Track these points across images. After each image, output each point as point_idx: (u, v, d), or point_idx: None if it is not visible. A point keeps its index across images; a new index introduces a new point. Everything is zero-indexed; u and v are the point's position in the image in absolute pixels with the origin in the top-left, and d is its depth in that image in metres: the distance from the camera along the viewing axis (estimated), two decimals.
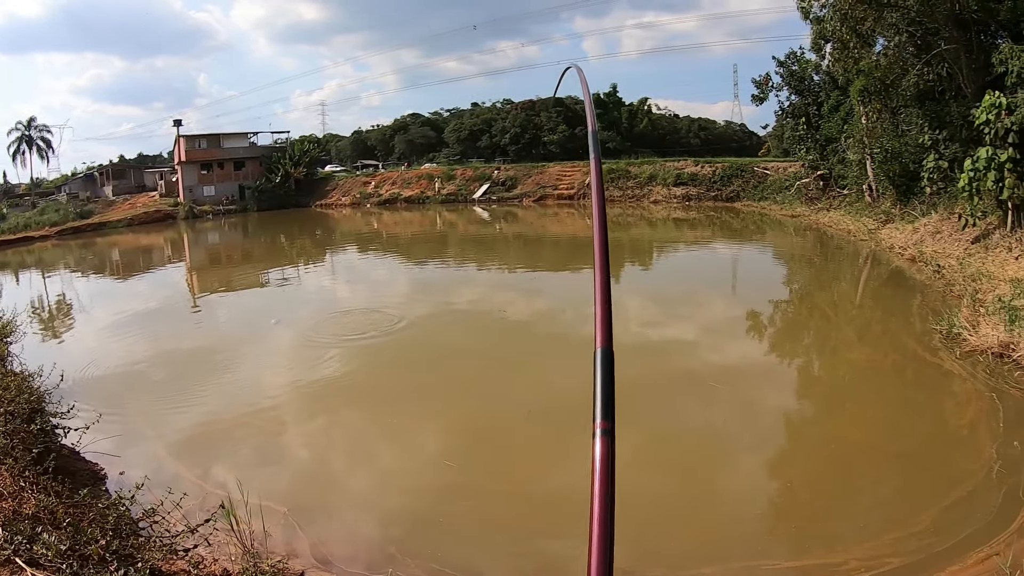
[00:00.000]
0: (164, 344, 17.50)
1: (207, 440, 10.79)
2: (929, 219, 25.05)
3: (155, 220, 60.92)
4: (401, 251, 37.94)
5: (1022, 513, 7.53)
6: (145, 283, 30.45)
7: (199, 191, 66.92)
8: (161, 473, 9.05)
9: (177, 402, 12.59)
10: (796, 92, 43.52)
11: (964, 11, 22.92)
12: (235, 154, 69.93)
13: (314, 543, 7.63)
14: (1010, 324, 12.94)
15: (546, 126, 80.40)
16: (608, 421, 1.58)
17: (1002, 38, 22.30)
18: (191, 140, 69.30)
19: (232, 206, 66.47)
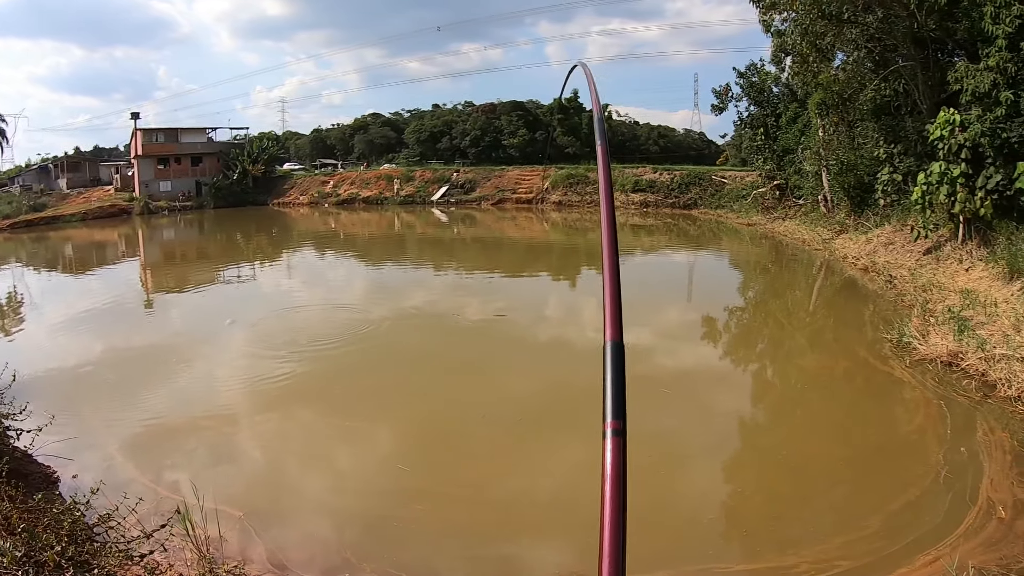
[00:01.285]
0: (117, 343, 17.03)
1: (161, 442, 10.47)
2: (882, 230, 25.51)
3: (110, 215, 59.34)
4: (359, 252, 37.56)
5: (969, 516, 7.64)
6: (99, 280, 29.54)
7: (155, 186, 65.48)
8: (115, 476, 8.84)
9: (131, 403, 12.23)
10: (755, 103, 44.10)
11: (922, 29, 23.34)
12: (193, 149, 68.57)
13: (270, 548, 7.47)
14: (959, 334, 13.18)
15: (506, 130, 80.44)
16: (619, 420, 1.52)
17: (959, 57, 22.72)
18: (148, 134, 67.64)
19: (188, 202, 65.06)
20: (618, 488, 1.42)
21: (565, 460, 9.88)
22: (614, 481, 1.43)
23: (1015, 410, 10.38)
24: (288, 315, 19.87)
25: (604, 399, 1.53)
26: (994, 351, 11.99)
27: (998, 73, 18.63)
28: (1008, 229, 17.56)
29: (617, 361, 1.60)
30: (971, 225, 19.12)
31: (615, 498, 1.41)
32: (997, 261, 16.49)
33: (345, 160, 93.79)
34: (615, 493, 1.41)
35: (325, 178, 71.95)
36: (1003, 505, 7.77)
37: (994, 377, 11.41)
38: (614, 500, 1.41)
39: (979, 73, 19.20)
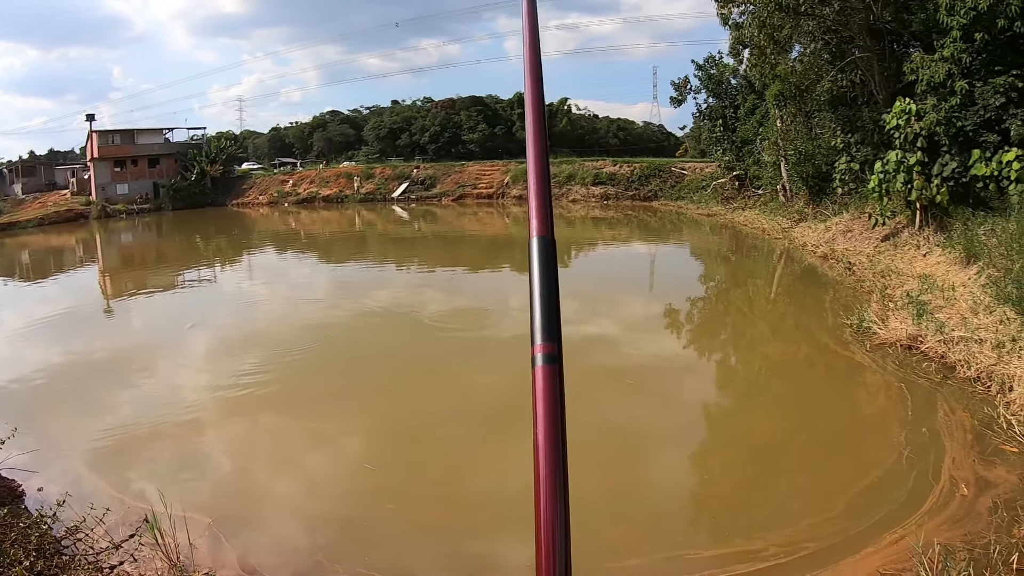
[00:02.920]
0: (78, 351, 16.60)
1: (127, 451, 10.23)
2: (841, 218, 25.89)
3: (67, 220, 57.50)
4: (320, 251, 37.07)
5: (932, 495, 7.75)
6: (57, 286, 28.72)
7: (112, 189, 63.36)
8: (81, 488, 8.61)
9: (94, 413, 11.95)
10: (714, 95, 44.41)
11: (878, 21, 23.66)
12: (150, 151, 66.51)
13: (240, 553, 7.36)
14: (917, 318, 13.41)
15: (466, 125, 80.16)
16: (552, 343, 1.21)
17: (914, 48, 23.08)
18: (104, 136, 65.35)
19: (146, 205, 63.22)
20: (553, 428, 1.14)
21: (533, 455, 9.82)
22: (548, 419, 1.15)
23: (974, 390, 10.56)
24: (251, 317, 19.66)
25: (532, 315, 1.23)
26: (952, 334, 12.20)
27: (953, 63, 18.96)
28: (964, 215, 17.90)
29: (546, 262, 1.32)
30: (927, 212, 19.46)
31: (550, 441, 1.13)
32: (954, 246, 16.79)
33: (304, 159, 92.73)
34: (550, 434, 1.14)
35: (284, 177, 70.73)
36: (965, 483, 7.90)
37: (953, 359, 11.60)
38: (549, 444, 1.13)
39: (934, 63, 19.52)
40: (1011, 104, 17.81)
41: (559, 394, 1.16)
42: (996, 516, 7.10)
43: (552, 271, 1.29)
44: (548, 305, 1.24)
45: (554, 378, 1.17)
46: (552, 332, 1.20)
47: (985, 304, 12.95)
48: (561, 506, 1.11)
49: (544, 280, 1.27)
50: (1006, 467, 8.18)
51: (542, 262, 1.31)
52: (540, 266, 1.30)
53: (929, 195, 18.89)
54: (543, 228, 1.36)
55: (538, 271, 1.29)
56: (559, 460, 1.13)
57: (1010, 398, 9.71)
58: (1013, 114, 17.66)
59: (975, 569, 6.13)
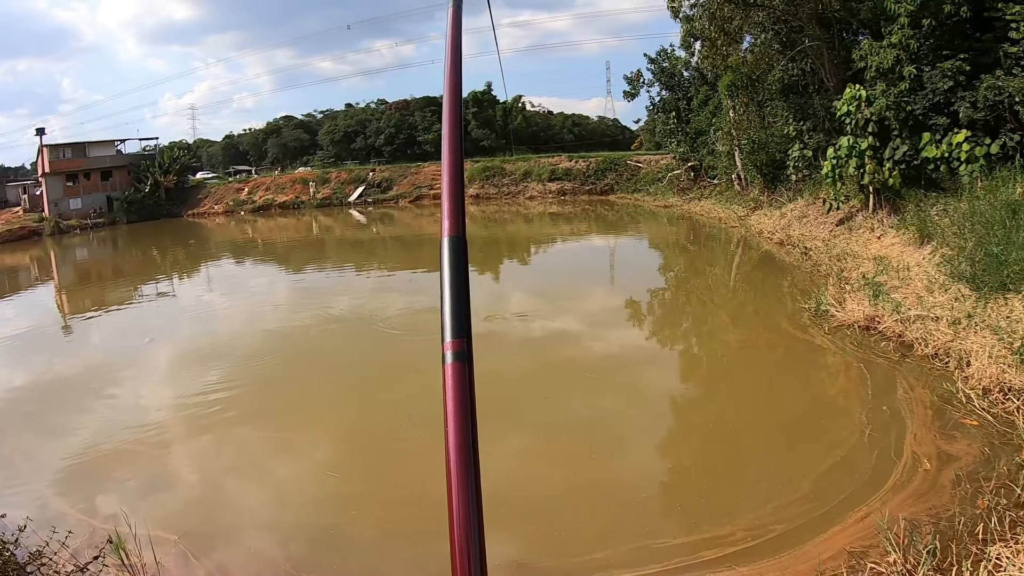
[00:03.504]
0: (36, 372, 16.01)
1: (90, 472, 9.88)
2: (795, 204, 26.19)
3: (19, 238, 55.42)
4: (278, 259, 36.49)
5: (896, 471, 7.76)
6: (12, 307, 27.64)
7: (65, 204, 61.63)
8: (45, 512, 8.33)
9: (55, 434, 11.54)
10: (667, 88, 44.83)
11: (827, 10, 23.96)
12: (102, 163, 64.91)
13: (208, 569, 7.16)
14: (874, 299, 13.53)
15: (421, 126, 80.00)
16: (461, 339, 1.21)
17: (863, 35, 23.40)
18: (55, 150, 63.52)
19: (100, 219, 61.66)
20: (464, 429, 1.13)
21: (500, 452, 9.72)
22: (458, 421, 1.14)
23: (933, 367, 10.64)
24: (211, 329, 19.28)
25: (442, 313, 1.24)
26: (909, 313, 12.31)
27: (901, 49, 19.22)
28: (916, 197, 18.18)
29: (457, 261, 1.31)
30: (880, 195, 19.73)
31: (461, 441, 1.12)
32: (907, 227, 17.02)
33: (259, 166, 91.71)
34: (460, 435, 1.13)
35: (239, 185, 69.91)
36: (927, 457, 7.92)
37: (910, 337, 11.69)
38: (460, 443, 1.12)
39: (883, 50, 19.78)
40: (959, 87, 18.07)
41: (469, 391, 1.17)
42: (959, 488, 7.12)
43: (463, 270, 1.30)
44: (458, 303, 1.25)
45: (464, 375, 1.18)
46: (462, 329, 1.22)
47: (940, 282, 13.11)
48: (473, 504, 1.10)
49: (454, 279, 1.28)
50: (967, 440, 8.22)
51: (453, 261, 1.31)
52: (451, 265, 1.30)
53: (881, 178, 19.14)
54: (455, 228, 1.36)
55: (448, 270, 1.29)
56: (470, 457, 1.12)
57: (968, 373, 9.77)
58: (961, 97, 17.93)
59: (941, 541, 6.12)
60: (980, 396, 9.15)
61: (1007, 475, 7.20)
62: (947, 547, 6.08)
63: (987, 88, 17.27)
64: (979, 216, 14.04)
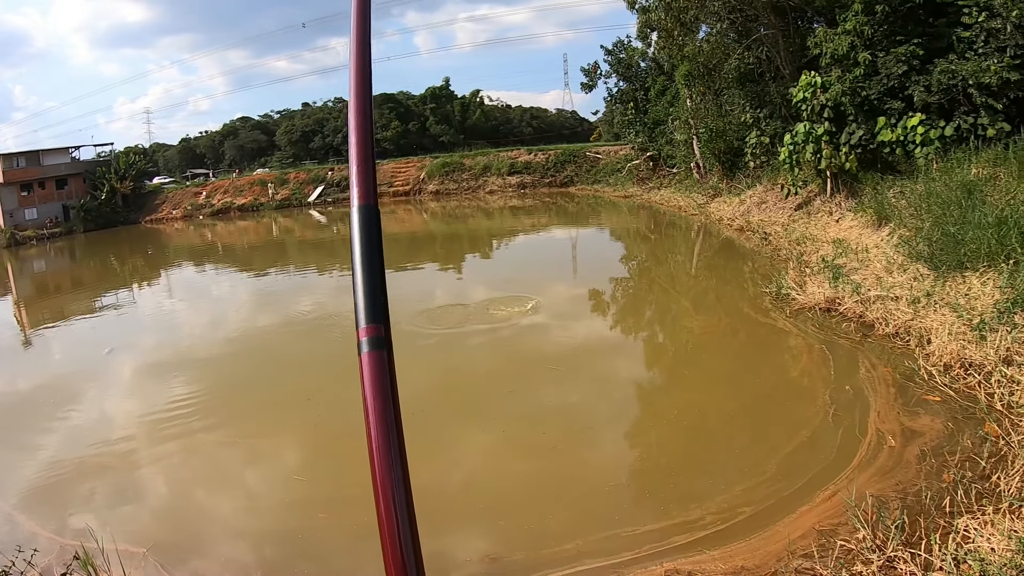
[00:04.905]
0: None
1: (55, 488, 9.55)
2: (754, 191, 26.42)
3: None
4: (239, 263, 35.88)
5: (861, 449, 7.79)
6: None
7: (20, 215, 59.47)
8: (12, 532, 8.10)
9: (18, 451, 11.16)
10: (624, 79, 45.02)
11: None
12: (57, 171, 62.90)
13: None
14: (834, 281, 13.63)
15: (379, 123, 79.24)
16: (378, 324, 1.09)
17: (817, 23, 23.65)
18: (8, 159, 61.27)
19: (57, 229, 59.69)
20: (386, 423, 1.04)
21: (467, 447, 9.61)
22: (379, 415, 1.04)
23: (894, 346, 10.73)
24: (173, 337, 18.79)
25: (355, 295, 1.11)
26: (869, 293, 12.42)
27: (855, 36, 19.42)
28: (873, 180, 18.40)
29: (369, 233, 1.16)
30: (838, 179, 19.95)
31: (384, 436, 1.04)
32: (865, 210, 17.22)
33: (217, 168, 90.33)
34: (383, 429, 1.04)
35: (197, 189, 68.73)
36: (892, 434, 7.95)
37: (871, 318, 11.79)
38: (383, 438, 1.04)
39: (837, 37, 19.97)
40: (913, 72, 18.29)
41: (391, 382, 1.07)
42: (925, 464, 7.15)
43: (376, 244, 1.15)
44: (371, 283, 1.11)
45: (383, 365, 1.07)
46: (377, 313, 1.09)
47: (898, 263, 13.25)
48: (401, 499, 1.03)
49: (367, 255, 1.14)
50: (930, 416, 8.27)
51: (364, 234, 1.15)
52: (362, 239, 1.15)
53: (838, 163, 19.34)
54: (365, 195, 1.20)
55: (359, 245, 1.14)
56: (394, 455, 1.04)
57: (929, 350, 9.85)
58: (915, 81, 18.14)
59: (909, 516, 6.13)
60: (941, 372, 9.22)
61: (971, 448, 7.25)
62: (915, 521, 6.10)
63: (941, 72, 17.49)
64: (935, 197, 14.21)
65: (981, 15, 17.07)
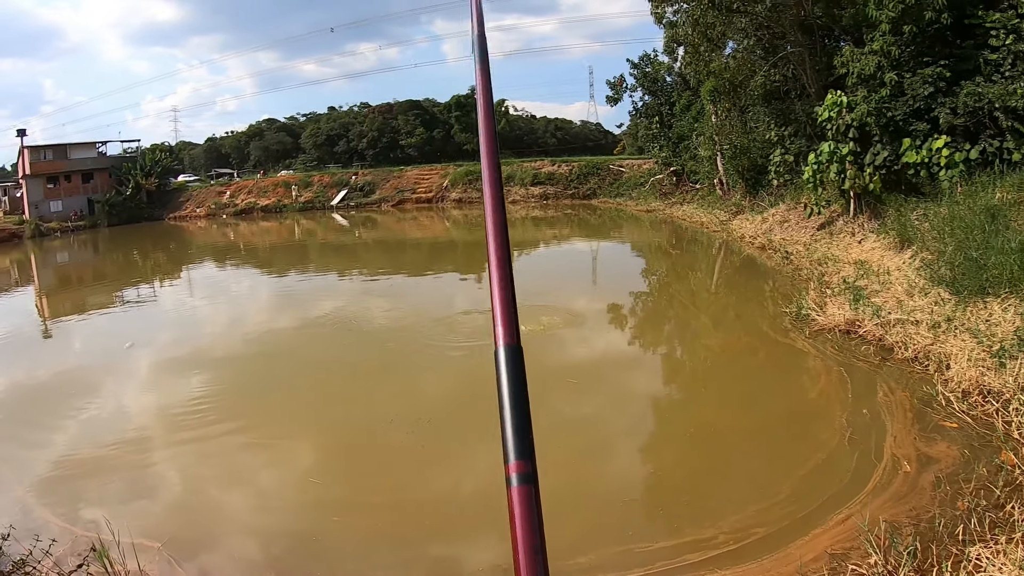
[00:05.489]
0: (16, 377, 15.74)
1: (71, 480, 9.73)
2: (777, 209, 26.32)
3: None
4: (261, 263, 36.20)
5: (876, 474, 7.78)
6: None
7: (46, 207, 60.90)
8: (27, 520, 8.19)
9: (36, 441, 11.38)
10: (649, 92, 45.01)
11: (809, 17, 24.14)
12: (83, 165, 64.18)
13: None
14: (854, 303, 13.58)
15: (403, 129, 79.96)
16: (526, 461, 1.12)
17: (844, 42, 23.64)
18: (36, 151, 62.75)
19: (81, 222, 60.97)
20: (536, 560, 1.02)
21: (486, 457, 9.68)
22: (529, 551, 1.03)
23: (913, 370, 10.70)
24: (192, 334, 19.03)
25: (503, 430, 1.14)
26: (889, 317, 12.37)
27: (882, 56, 19.37)
28: (897, 201, 18.31)
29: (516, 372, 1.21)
30: (861, 200, 19.86)
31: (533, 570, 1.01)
32: (888, 232, 17.15)
33: (241, 169, 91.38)
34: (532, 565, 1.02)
35: (221, 188, 69.40)
36: (907, 460, 7.94)
37: (891, 341, 11.75)
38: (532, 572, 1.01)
39: (864, 56, 19.93)
40: (939, 93, 18.24)
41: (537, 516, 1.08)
42: (939, 490, 7.14)
43: (522, 382, 1.20)
44: (520, 421, 1.15)
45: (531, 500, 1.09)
46: (526, 450, 1.12)
47: (920, 286, 13.18)
48: None
49: (514, 394, 1.18)
50: (947, 442, 8.25)
51: (511, 373, 1.20)
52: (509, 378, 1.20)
53: (862, 183, 19.28)
54: (510, 336, 1.24)
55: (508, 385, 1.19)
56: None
57: (947, 376, 9.82)
58: (941, 103, 18.09)
59: (921, 543, 6.14)
60: (960, 399, 9.19)
61: (986, 476, 7.22)
62: (927, 548, 6.10)
63: (967, 94, 17.43)
64: (959, 221, 14.14)
65: (1009, 38, 17.04)
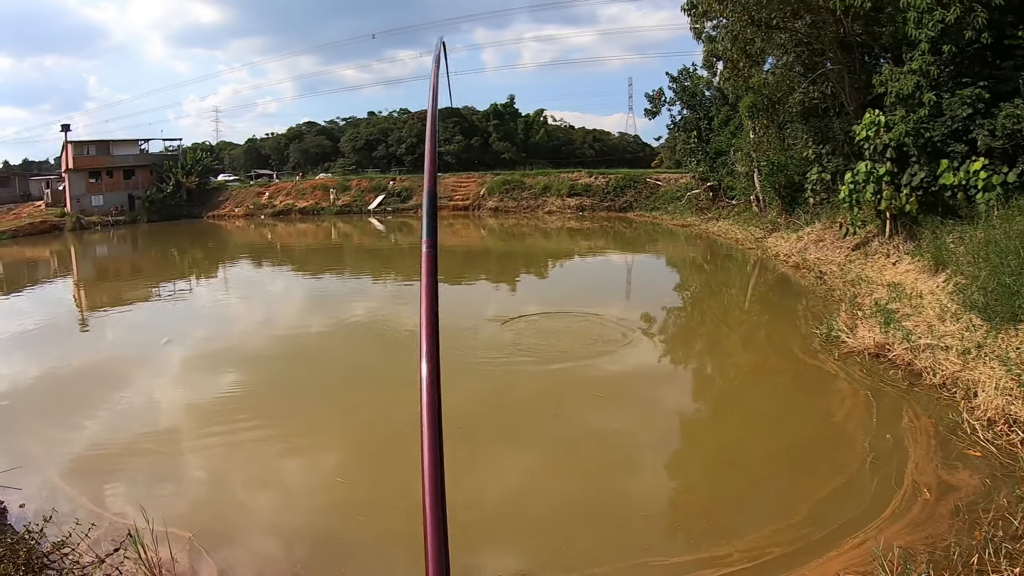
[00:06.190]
0: (54, 367, 16.18)
1: (106, 468, 10.04)
2: (812, 228, 26.20)
3: (41, 232, 56.18)
4: (296, 264, 36.80)
5: (895, 500, 7.78)
6: (31, 300, 27.92)
7: (87, 201, 62.38)
8: (62, 504, 8.49)
9: (72, 429, 11.74)
10: (688, 107, 44.93)
11: (849, 34, 23.98)
12: (125, 162, 65.61)
13: (221, 567, 7.30)
14: (885, 326, 13.52)
15: (442, 136, 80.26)
16: None
17: (884, 60, 23.44)
18: (79, 146, 64.39)
19: (121, 217, 62.27)
20: None
21: (510, 467, 9.83)
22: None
23: (940, 396, 10.64)
24: (227, 332, 19.49)
25: None
26: (919, 341, 12.29)
27: (921, 76, 19.19)
28: (933, 224, 18.14)
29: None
30: (897, 221, 19.72)
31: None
32: (923, 254, 17.01)
33: (280, 170, 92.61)
34: None
35: (260, 189, 70.38)
36: (928, 487, 7.93)
37: (920, 366, 11.69)
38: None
39: (903, 76, 19.75)
40: (978, 115, 18.03)
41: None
42: (957, 519, 7.14)
43: None
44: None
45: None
46: None
47: (952, 311, 13.07)
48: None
49: None
50: (969, 471, 8.22)
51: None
52: None
53: (898, 204, 19.14)
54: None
55: None
56: None
57: (974, 403, 9.77)
58: (980, 124, 17.88)
59: (935, 571, 6.16)
60: (985, 427, 9.14)
61: (1006, 507, 7.20)
62: None
63: (1006, 116, 17.24)
64: (994, 245, 13.96)
65: None
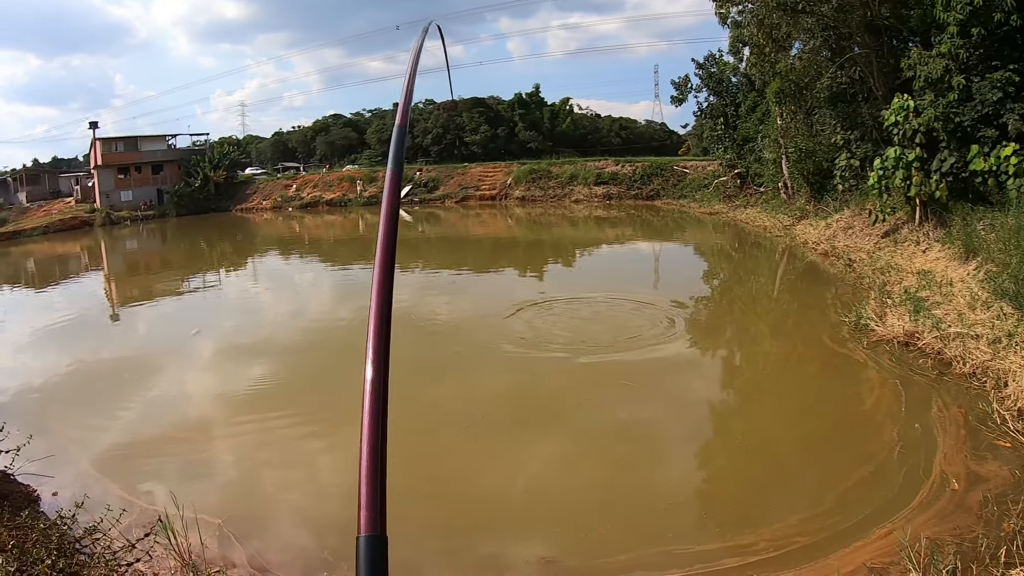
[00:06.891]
0: (85, 358, 16.65)
1: (137, 456, 10.33)
2: (841, 215, 25.94)
3: (71, 227, 57.60)
4: (324, 255, 37.11)
5: (923, 490, 7.78)
6: (62, 294, 28.66)
7: (116, 196, 63.69)
8: (94, 491, 8.70)
9: (103, 418, 12.08)
10: (715, 93, 44.55)
11: (876, 18, 23.71)
12: (153, 157, 66.98)
13: (250, 553, 7.50)
14: (915, 314, 13.41)
15: (468, 127, 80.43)
16: None
17: (912, 44, 23.14)
18: (107, 143, 65.74)
19: (150, 211, 63.54)
20: None
21: (535, 454, 9.93)
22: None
23: (970, 386, 10.57)
24: (256, 323, 19.82)
25: None
26: (949, 330, 12.19)
27: (950, 59, 18.94)
28: (963, 210, 17.90)
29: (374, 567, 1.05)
30: (927, 208, 19.48)
31: None
32: (953, 242, 16.82)
33: (307, 163, 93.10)
34: None
35: (287, 182, 71.08)
36: (956, 478, 7.93)
37: (949, 355, 11.61)
38: None
39: (932, 60, 19.50)
40: (1008, 99, 17.78)
41: None
42: (986, 510, 7.14)
43: None
44: None
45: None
46: None
47: (983, 300, 12.94)
48: None
49: None
50: (998, 462, 8.21)
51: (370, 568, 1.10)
52: None
53: (928, 191, 18.92)
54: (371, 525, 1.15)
55: None
56: None
57: (1004, 393, 9.71)
58: (1010, 108, 17.64)
59: (962, 562, 6.18)
60: (1015, 417, 9.10)
61: None
62: (968, 568, 6.15)
63: None
64: None
65: None
